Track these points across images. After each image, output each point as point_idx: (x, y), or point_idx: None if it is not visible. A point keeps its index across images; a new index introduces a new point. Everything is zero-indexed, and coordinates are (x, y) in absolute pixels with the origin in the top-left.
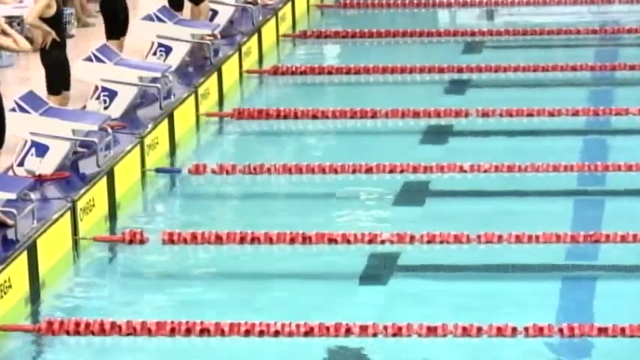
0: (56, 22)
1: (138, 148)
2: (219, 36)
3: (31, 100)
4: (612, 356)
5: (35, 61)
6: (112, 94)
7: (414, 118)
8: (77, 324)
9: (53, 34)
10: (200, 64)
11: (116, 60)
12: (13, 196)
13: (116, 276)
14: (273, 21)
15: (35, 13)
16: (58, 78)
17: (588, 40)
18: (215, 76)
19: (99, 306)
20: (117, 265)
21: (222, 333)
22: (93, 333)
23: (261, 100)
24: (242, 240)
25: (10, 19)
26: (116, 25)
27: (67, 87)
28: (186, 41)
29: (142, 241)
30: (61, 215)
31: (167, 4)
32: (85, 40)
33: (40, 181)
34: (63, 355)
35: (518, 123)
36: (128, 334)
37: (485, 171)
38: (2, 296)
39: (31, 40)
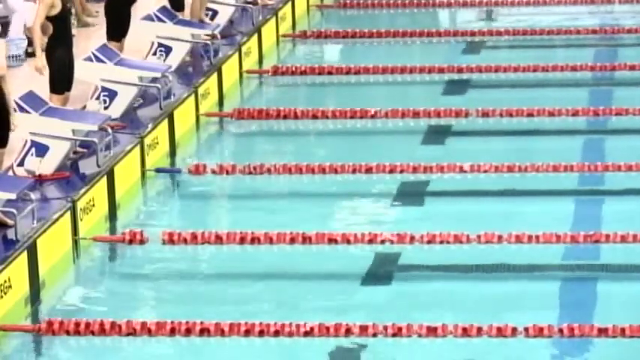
0: (62, 20)
1: (138, 148)
2: (219, 36)
3: (31, 100)
4: (612, 356)
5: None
6: (112, 94)
7: (414, 118)
8: (77, 324)
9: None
10: (200, 64)
11: (116, 60)
12: (13, 196)
13: (116, 276)
14: (273, 21)
15: (41, 16)
16: (63, 78)
17: (588, 40)
18: (215, 76)
19: (99, 306)
20: (117, 265)
21: (222, 333)
22: (93, 333)
23: (261, 100)
24: (242, 240)
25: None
26: (119, 27)
27: (69, 87)
28: (186, 41)
29: (142, 241)
30: (61, 215)
31: (168, 4)
32: (85, 40)
33: (40, 181)
34: (63, 355)
35: (518, 123)
36: (128, 334)
37: (485, 171)
38: (2, 296)
39: (30, 41)
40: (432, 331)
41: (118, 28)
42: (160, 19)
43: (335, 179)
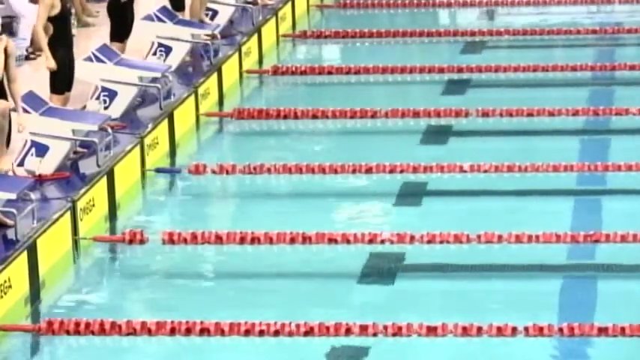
0: (62, 20)
1: (138, 148)
2: (219, 36)
3: (31, 100)
4: (612, 356)
5: (36, 62)
6: (112, 94)
7: (414, 118)
8: (77, 324)
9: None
10: (200, 64)
11: (116, 60)
12: (13, 196)
13: (116, 276)
14: (273, 21)
15: (42, 17)
16: (63, 78)
17: (588, 40)
18: (215, 76)
19: (99, 306)
20: (117, 265)
21: (222, 333)
22: (93, 333)
23: (261, 100)
24: (242, 240)
25: (11, 19)
26: (122, 28)
27: (70, 87)
28: (186, 41)
29: (142, 241)
30: (61, 215)
31: (168, 4)
32: (85, 40)
33: (40, 181)
34: (63, 355)
35: (518, 123)
36: (128, 334)
37: (485, 171)
38: (2, 296)
39: (31, 42)
40: (432, 331)
41: (121, 29)
42: (160, 19)
43: (335, 179)
